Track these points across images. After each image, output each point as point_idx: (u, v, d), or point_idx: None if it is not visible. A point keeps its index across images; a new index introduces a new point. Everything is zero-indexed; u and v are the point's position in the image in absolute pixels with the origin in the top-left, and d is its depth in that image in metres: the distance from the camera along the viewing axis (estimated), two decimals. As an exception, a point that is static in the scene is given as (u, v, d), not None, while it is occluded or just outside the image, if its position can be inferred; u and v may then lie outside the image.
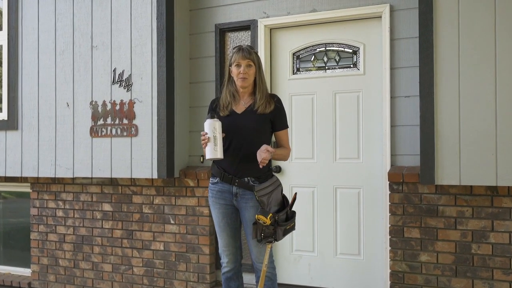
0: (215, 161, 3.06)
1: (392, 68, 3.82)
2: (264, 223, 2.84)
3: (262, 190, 2.90)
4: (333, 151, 4.07)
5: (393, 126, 3.81)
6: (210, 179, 3.10)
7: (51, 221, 4.95)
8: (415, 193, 3.65)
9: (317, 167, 4.12)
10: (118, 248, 4.65)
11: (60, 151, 4.63)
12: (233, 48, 3.06)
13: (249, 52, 2.99)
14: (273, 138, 3.15)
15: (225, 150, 2.96)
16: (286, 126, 3.08)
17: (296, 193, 3.05)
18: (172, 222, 4.43)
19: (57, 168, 4.64)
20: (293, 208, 3.03)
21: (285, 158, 3.11)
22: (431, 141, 3.41)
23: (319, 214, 4.11)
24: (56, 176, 4.66)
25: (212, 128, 2.86)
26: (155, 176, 4.24)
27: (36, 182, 4.99)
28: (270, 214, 2.85)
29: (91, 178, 4.65)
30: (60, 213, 4.91)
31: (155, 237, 4.50)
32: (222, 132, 2.90)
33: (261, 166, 2.82)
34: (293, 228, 3.03)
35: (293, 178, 4.20)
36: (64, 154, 4.60)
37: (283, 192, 3.05)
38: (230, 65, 3.04)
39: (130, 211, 4.59)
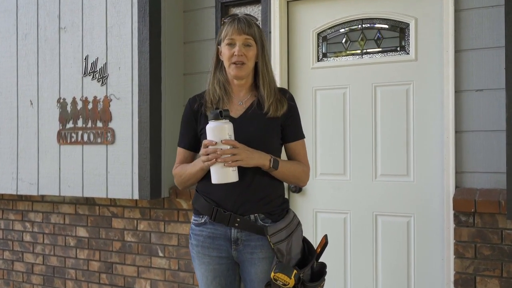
0: (200, 190, 2.02)
1: (457, 51, 2.73)
2: (285, 284, 1.81)
3: (278, 233, 1.86)
4: (372, 165, 3.00)
5: (458, 132, 2.73)
6: (193, 218, 2.05)
7: (18, 247, 4.01)
8: (494, 229, 2.56)
9: (351, 186, 3.05)
10: (95, 285, 3.67)
11: (22, 162, 3.66)
12: (224, 19, 2.01)
13: (248, 24, 1.93)
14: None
15: None
16: (303, 135, 2.03)
17: (325, 237, 1.99)
18: (161, 254, 3.42)
19: (19, 183, 3.68)
20: (322, 258, 1.99)
21: (299, 177, 2.01)
22: (523, 156, 2.32)
23: (354, 250, 3.04)
24: (18, 193, 3.70)
25: (222, 134, 1.79)
26: (136, 196, 3.24)
27: (0, 198, 4.05)
28: (294, 271, 1.82)
29: (60, 196, 3.68)
30: (27, 237, 3.96)
31: (140, 273, 3.50)
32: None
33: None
34: None
35: (318, 200, 3.14)
36: (27, 165, 3.64)
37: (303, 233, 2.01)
38: (219, 44, 2.00)
39: (109, 238, 3.61)
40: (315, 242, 3.10)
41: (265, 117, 1.93)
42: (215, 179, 1.81)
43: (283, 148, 2.03)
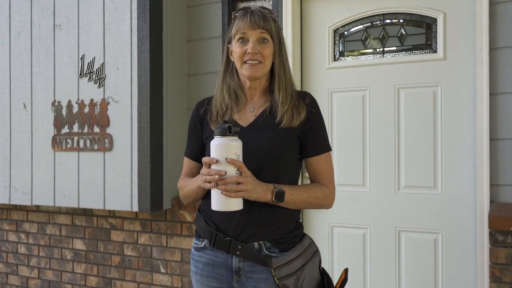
0: (201, 209, 1.75)
1: (492, 49, 2.44)
2: None
3: (286, 266, 1.58)
4: (395, 175, 2.71)
5: (493, 139, 2.43)
6: (194, 241, 1.78)
7: (12, 259, 3.76)
8: (536, 250, 2.26)
9: (371, 199, 2.77)
10: (93, 301, 3.41)
11: (15, 169, 3.41)
12: (235, 13, 1.73)
13: (263, 17, 1.64)
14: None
15: None
16: (328, 148, 1.73)
17: (346, 272, 1.71)
18: (163, 270, 3.15)
19: (12, 191, 3.43)
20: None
21: (318, 204, 1.70)
22: None
23: (374, 269, 2.76)
24: (11, 203, 3.45)
25: (227, 154, 1.48)
26: (135, 208, 2.97)
27: (-6, 206, 3.82)
28: None
29: (55, 206, 3.43)
30: (22, 249, 3.71)
31: (140, 290, 3.24)
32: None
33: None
34: None
35: (334, 214, 2.85)
36: (21, 173, 3.39)
37: (321, 264, 1.72)
38: (229, 42, 1.71)
39: (108, 251, 3.35)
40: (330, 261, 2.82)
41: (277, 127, 1.63)
42: (214, 205, 1.51)
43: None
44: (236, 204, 1.50)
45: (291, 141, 1.64)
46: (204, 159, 1.52)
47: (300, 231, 1.69)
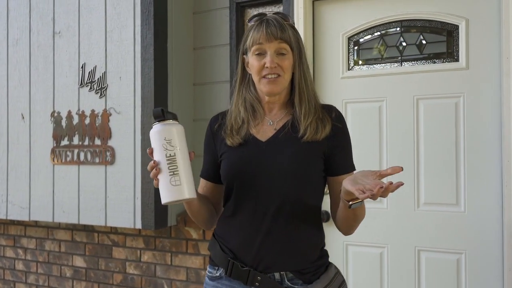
0: (216, 234, 1.60)
1: (519, 58, 2.29)
2: None
3: None
4: (414, 191, 2.55)
5: (521, 154, 2.28)
6: (208, 269, 1.62)
7: (10, 276, 3.60)
8: None
9: (389, 216, 2.61)
10: (94, 322, 3.25)
11: (13, 183, 3.26)
12: (249, 21, 1.58)
13: (281, 26, 1.49)
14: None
15: (236, 214, 1.52)
16: (353, 167, 1.58)
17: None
18: (167, 290, 3.00)
19: (10, 206, 3.28)
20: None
21: (358, 221, 1.52)
22: None
23: (392, 290, 2.60)
24: (8, 217, 3.29)
25: (162, 140, 1.35)
26: (138, 225, 2.82)
27: (-10, 221, 3.66)
28: None
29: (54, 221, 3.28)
30: (20, 266, 3.55)
31: (144, 310, 3.08)
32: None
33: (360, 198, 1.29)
34: None
35: (350, 231, 2.69)
36: (18, 187, 3.24)
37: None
38: (245, 53, 1.57)
39: (109, 269, 3.19)
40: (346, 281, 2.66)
41: (300, 141, 1.48)
42: (163, 197, 1.37)
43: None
44: (188, 191, 1.35)
45: (315, 157, 1.49)
46: (148, 150, 1.39)
47: (325, 260, 1.54)
